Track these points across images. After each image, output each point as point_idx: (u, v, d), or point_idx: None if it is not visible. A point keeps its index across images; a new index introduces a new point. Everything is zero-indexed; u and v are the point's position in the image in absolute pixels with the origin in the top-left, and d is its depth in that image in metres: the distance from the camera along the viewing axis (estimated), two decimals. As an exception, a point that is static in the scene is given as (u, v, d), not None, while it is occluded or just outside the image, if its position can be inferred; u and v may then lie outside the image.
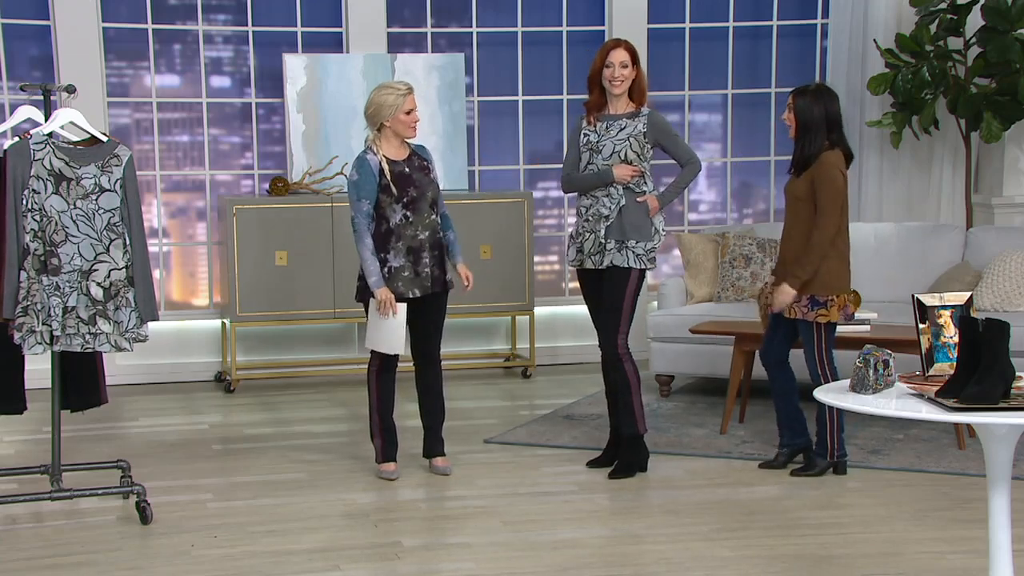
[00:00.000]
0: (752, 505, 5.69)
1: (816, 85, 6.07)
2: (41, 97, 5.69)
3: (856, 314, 6.90)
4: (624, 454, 6.14)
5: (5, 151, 5.20)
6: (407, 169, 5.96)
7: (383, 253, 5.94)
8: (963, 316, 3.86)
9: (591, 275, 6.12)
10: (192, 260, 8.90)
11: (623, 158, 5.95)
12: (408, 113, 5.92)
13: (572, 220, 9.43)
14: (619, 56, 5.93)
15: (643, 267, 6.02)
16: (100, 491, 5.60)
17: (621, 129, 6.00)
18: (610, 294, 6.02)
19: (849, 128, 8.85)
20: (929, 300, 4.01)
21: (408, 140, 6.04)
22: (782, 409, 6.19)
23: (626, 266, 5.98)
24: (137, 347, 5.40)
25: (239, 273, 8.17)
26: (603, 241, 6.00)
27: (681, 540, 5.15)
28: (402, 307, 5.91)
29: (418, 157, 6.03)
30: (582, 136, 6.05)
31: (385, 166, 5.91)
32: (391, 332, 5.92)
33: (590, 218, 6.00)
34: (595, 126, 6.03)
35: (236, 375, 8.31)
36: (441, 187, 6.24)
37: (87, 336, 5.21)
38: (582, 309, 9.43)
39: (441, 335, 6.17)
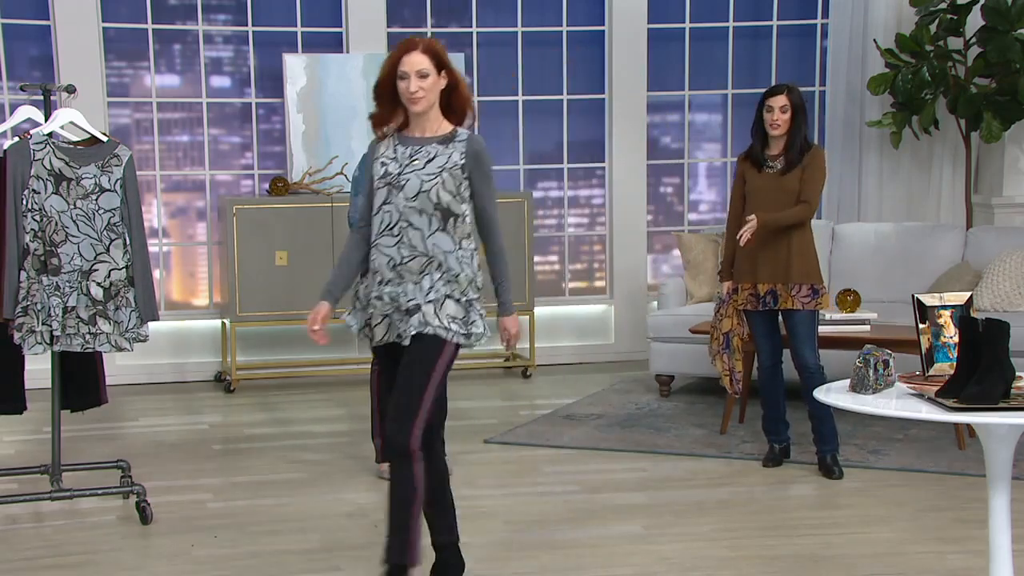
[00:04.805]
0: (752, 505, 5.68)
1: (788, 84, 6.09)
2: (41, 97, 5.69)
3: (856, 314, 6.93)
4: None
5: (5, 151, 5.20)
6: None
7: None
8: (963, 316, 3.86)
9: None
10: (192, 260, 8.90)
11: (434, 200, 4.24)
12: None
13: (572, 220, 9.45)
14: (414, 62, 4.24)
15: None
16: (100, 491, 5.60)
17: (430, 159, 4.28)
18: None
19: (849, 128, 8.90)
20: (929, 300, 4.00)
21: None
22: (780, 406, 6.20)
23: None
24: (137, 347, 5.40)
25: (239, 273, 8.17)
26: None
27: (681, 540, 5.15)
28: None
29: None
30: (378, 165, 4.37)
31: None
32: None
33: (384, 297, 4.31)
34: (395, 151, 4.36)
35: (236, 375, 8.31)
36: None
37: (87, 336, 5.21)
38: (582, 309, 9.51)
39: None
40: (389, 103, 4.33)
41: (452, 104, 4.33)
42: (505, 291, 4.48)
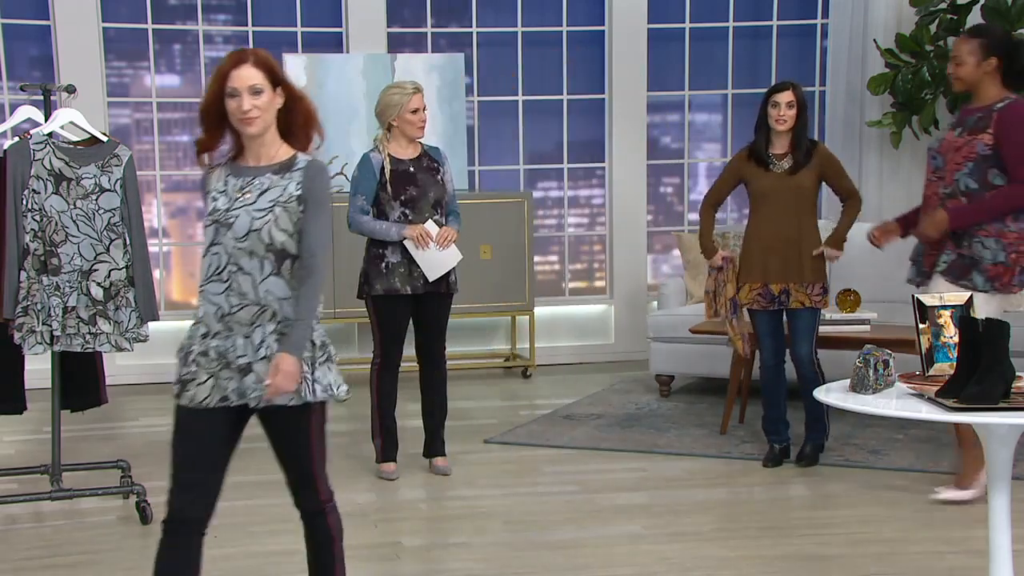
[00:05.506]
0: (752, 505, 5.68)
1: (791, 81, 6.14)
2: (41, 97, 5.69)
3: (856, 314, 6.93)
4: None
5: (5, 151, 5.21)
6: (412, 168, 5.97)
7: (382, 249, 5.95)
8: (963, 316, 3.86)
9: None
10: (192, 260, 8.90)
11: (266, 241, 3.58)
12: (413, 112, 5.93)
13: (572, 220, 9.45)
14: (245, 77, 3.55)
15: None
16: (100, 491, 5.60)
17: (263, 192, 3.63)
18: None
19: (849, 128, 8.90)
20: (929, 300, 4.00)
21: (421, 141, 6.05)
22: (780, 406, 6.21)
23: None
24: (137, 347, 5.40)
25: (239, 273, 8.16)
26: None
27: (681, 540, 5.15)
28: (430, 224, 5.93)
29: (429, 158, 6.03)
30: (209, 200, 3.68)
31: (386, 164, 5.93)
32: (441, 254, 5.94)
33: (210, 352, 3.72)
34: (226, 184, 3.68)
35: (236, 375, 8.30)
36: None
37: (87, 336, 5.21)
38: (582, 309, 9.51)
39: (445, 336, 6.16)
40: (216, 126, 3.64)
41: (291, 126, 3.67)
42: (298, 330, 3.60)
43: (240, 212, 3.58)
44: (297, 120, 3.67)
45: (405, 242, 5.90)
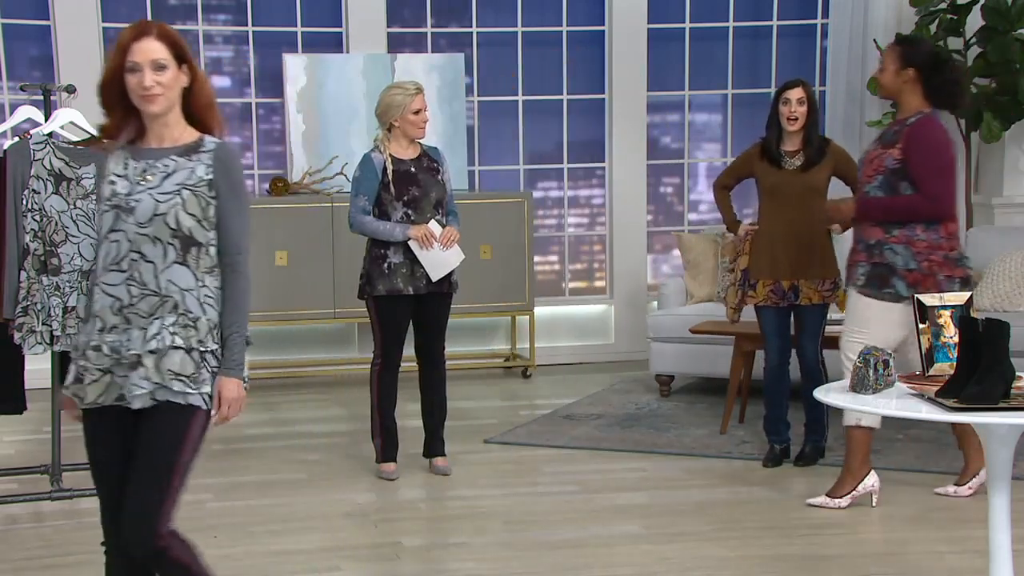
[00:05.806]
0: (752, 505, 5.68)
1: (801, 78, 6.16)
2: (41, 97, 5.69)
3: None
4: None
5: (5, 151, 5.21)
6: (413, 169, 5.97)
7: (384, 249, 5.95)
8: (963, 316, 3.86)
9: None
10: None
11: (172, 226, 3.31)
12: (416, 113, 5.94)
13: (572, 220, 9.45)
14: (148, 51, 3.33)
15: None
16: (100, 491, 5.60)
17: (168, 175, 3.35)
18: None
19: (849, 128, 8.90)
20: (929, 300, 4.00)
21: (420, 141, 6.05)
22: (783, 406, 6.21)
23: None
24: (137, 347, 5.39)
25: (239, 273, 8.16)
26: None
27: (681, 540, 5.15)
28: (433, 224, 5.94)
29: (428, 158, 6.03)
30: (106, 185, 3.39)
31: (389, 165, 5.93)
32: (444, 254, 5.95)
33: (104, 348, 3.33)
34: (126, 167, 3.38)
35: (236, 375, 8.30)
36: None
37: (87, 336, 5.21)
38: (582, 309, 9.52)
39: (444, 336, 6.16)
40: (121, 107, 3.35)
41: (196, 107, 3.41)
42: (234, 345, 3.36)
43: (143, 196, 3.31)
44: (202, 101, 3.41)
45: (409, 242, 5.90)
